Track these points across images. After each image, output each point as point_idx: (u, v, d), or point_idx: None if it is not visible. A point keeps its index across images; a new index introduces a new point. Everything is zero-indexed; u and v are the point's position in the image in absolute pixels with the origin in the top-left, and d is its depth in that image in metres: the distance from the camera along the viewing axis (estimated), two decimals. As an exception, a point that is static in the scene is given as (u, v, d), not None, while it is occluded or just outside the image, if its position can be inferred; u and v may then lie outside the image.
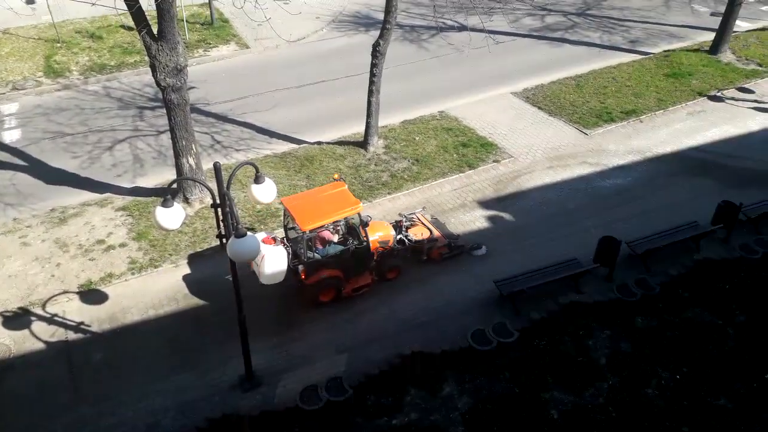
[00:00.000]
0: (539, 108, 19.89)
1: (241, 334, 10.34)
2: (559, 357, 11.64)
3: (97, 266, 13.68)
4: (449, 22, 24.93)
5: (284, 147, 18.05)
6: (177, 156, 15.00)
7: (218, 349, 11.77)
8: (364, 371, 11.28)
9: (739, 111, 19.74)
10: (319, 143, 18.15)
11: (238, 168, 8.87)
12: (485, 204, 15.76)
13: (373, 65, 16.68)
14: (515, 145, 18.10)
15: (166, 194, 8.30)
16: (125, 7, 13.01)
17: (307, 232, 11.85)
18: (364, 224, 12.61)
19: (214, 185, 8.86)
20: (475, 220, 15.20)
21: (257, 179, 8.72)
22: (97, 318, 12.50)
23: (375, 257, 13.00)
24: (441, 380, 11.20)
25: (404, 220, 14.03)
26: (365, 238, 12.63)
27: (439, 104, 20.15)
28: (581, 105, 19.92)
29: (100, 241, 14.35)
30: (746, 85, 21.16)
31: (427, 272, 13.63)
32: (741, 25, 24.49)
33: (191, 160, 15.01)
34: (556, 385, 11.15)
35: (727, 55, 22.93)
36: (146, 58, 15.31)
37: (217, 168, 8.63)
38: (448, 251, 13.93)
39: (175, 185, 15.44)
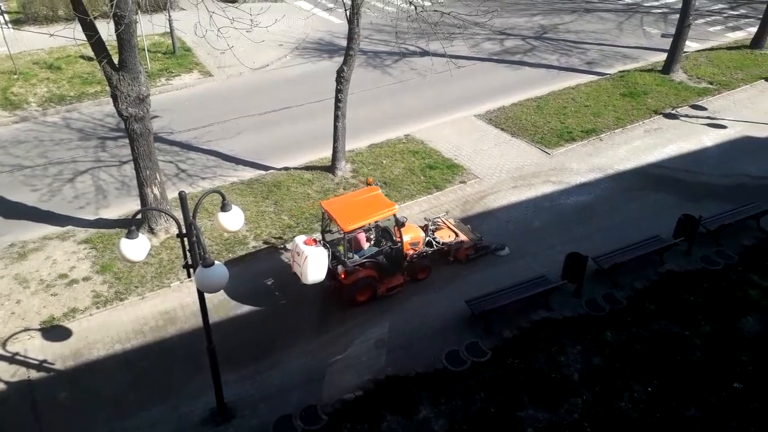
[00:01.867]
0: (502, 129, 20.27)
1: (212, 366, 10.11)
2: (533, 374, 11.70)
3: (60, 301, 13.27)
4: (411, 48, 25.35)
5: (251, 174, 17.94)
6: (141, 186, 14.76)
7: (188, 381, 11.47)
8: (339, 398, 11.12)
9: (694, 127, 20.46)
10: (286, 169, 18.11)
11: (204, 196, 8.78)
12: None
13: (338, 91, 16.80)
14: (480, 166, 18.36)
15: (130, 225, 8.14)
16: (84, 38, 12.87)
17: (348, 233, 12.42)
18: (401, 224, 13.19)
19: (179, 214, 8.73)
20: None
21: (224, 207, 8.62)
22: (60, 355, 12.08)
23: (408, 258, 13.49)
24: (417, 403, 11.11)
25: (430, 223, 14.56)
26: (399, 239, 13.19)
27: (404, 128, 20.36)
28: (542, 125, 20.38)
29: (63, 276, 13.94)
30: (699, 103, 21.97)
31: (403, 295, 13.60)
32: (691, 45, 25.52)
33: (156, 190, 14.78)
34: (531, 403, 11.18)
35: (679, 75, 23.82)
36: (107, 88, 15.11)
37: (182, 197, 8.52)
38: (474, 252, 14.49)
39: (139, 216, 15.16)
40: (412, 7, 15.35)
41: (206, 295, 9.07)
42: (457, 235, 14.46)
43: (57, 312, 12.99)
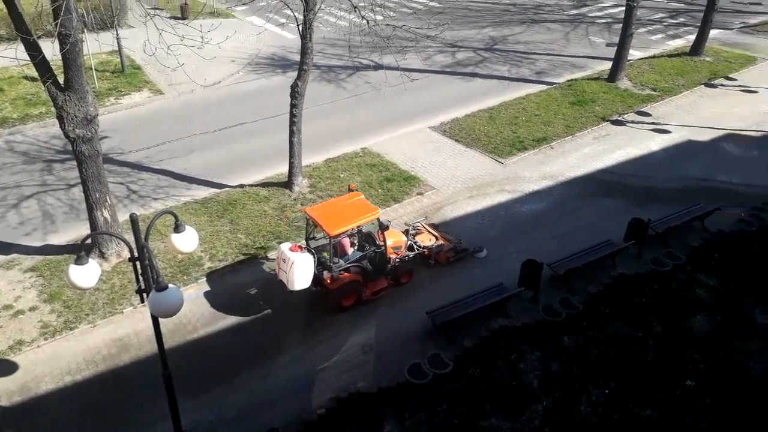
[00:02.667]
0: (456, 140, 20.54)
1: (168, 392, 9.84)
2: (494, 383, 11.80)
3: (5, 334, 12.71)
4: (365, 62, 25.50)
5: (205, 192, 17.66)
6: (90, 209, 14.35)
7: (144, 411, 11.14)
8: (301, 420, 10.97)
9: (640, 133, 21.16)
10: (241, 186, 17.90)
11: (156, 218, 8.57)
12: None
13: (293, 106, 16.74)
14: (436, 177, 18.55)
15: (79, 251, 7.87)
16: (28, 58, 12.49)
17: (333, 237, 12.62)
18: (385, 228, 13.42)
19: (131, 237, 8.51)
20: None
21: (177, 228, 8.44)
22: (6, 390, 11.55)
23: (391, 262, 13.71)
24: (381, 420, 11.05)
25: (410, 228, 14.95)
26: (383, 243, 13.39)
27: (361, 141, 20.42)
28: (495, 135, 20.74)
29: (7, 307, 13.37)
30: (644, 109, 22.75)
31: (361, 310, 13.58)
32: (634, 54, 26.44)
33: (106, 213, 14.39)
34: (493, 412, 11.26)
35: (624, 82, 24.63)
36: (53, 109, 14.68)
37: (133, 219, 8.31)
38: (455, 254, 14.80)
39: (89, 240, 14.71)
40: (365, 21, 15.47)
41: (161, 319, 8.84)
42: (437, 238, 14.84)
43: (1, 345, 12.43)
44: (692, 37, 27.81)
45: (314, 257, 12.78)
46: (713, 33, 27.47)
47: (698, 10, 30.22)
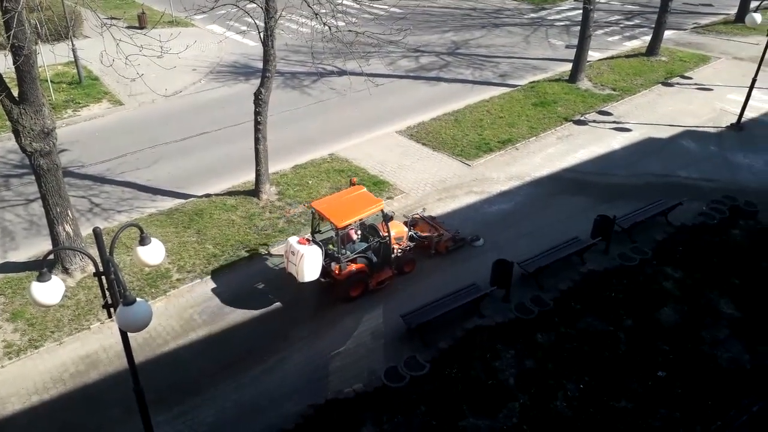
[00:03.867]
0: (423, 144, 20.63)
1: (140, 408, 9.56)
2: (471, 383, 11.84)
3: (-35, 355, 12.24)
4: (329, 68, 25.45)
5: (170, 203, 17.33)
6: (51, 224, 13.92)
7: (116, 428, 10.83)
8: (278, 429, 10.80)
9: (602, 132, 21.60)
10: (207, 196, 17.62)
11: (120, 231, 8.35)
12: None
13: (257, 113, 16.58)
14: (405, 180, 18.58)
15: (41, 267, 7.62)
16: (-21, 71, 12.08)
17: (341, 229, 13.03)
18: (389, 219, 13.85)
19: (95, 252, 8.27)
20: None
21: (142, 240, 8.24)
22: (-32, 414, 11.10)
23: (394, 252, 14.12)
24: (359, 424, 10.97)
25: (410, 220, 15.52)
26: (387, 233, 13.77)
27: (328, 147, 20.34)
28: (461, 138, 20.91)
29: (-33, 327, 12.88)
30: (604, 109, 23.24)
31: (334, 315, 13.49)
32: (593, 55, 27.02)
33: (68, 228, 13.98)
34: (471, 411, 11.29)
35: (584, 83, 25.14)
36: (8, 123, 14.22)
37: (97, 233, 8.07)
38: (453, 244, 15.31)
39: (51, 256, 14.27)
40: (327, 27, 15.43)
41: (130, 334, 8.61)
42: (436, 229, 15.30)
43: (-38, 367, 11.96)
44: (648, 38, 28.55)
45: (322, 249, 13.18)
46: (667, 34, 28.26)
47: (652, 12, 31.07)
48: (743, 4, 31.04)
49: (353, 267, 13.54)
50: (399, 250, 14.35)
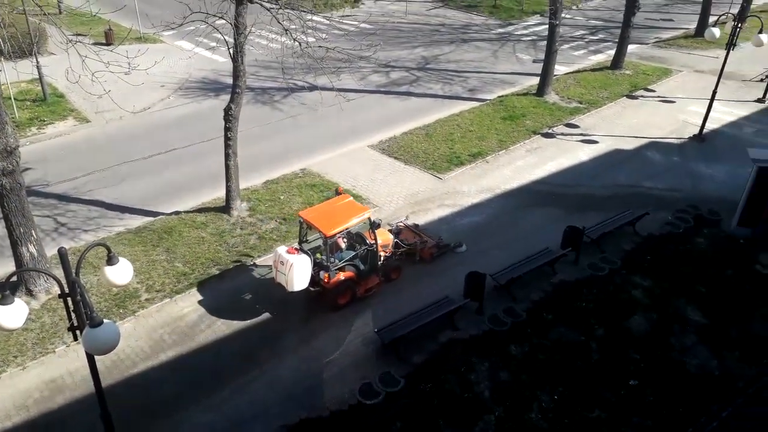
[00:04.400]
0: (395, 158, 20.72)
1: (108, 434, 9.31)
2: (446, 397, 11.81)
3: None
4: (299, 83, 25.45)
5: (139, 221, 17.03)
6: (14, 245, 13.55)
7: (82, 454, 10.50)
8: (251, 449, 10.63)
9: (569, 144, 21.98)
10: (177, 213, 17.37)
11: (87, 250, 8.18)
12: (356, 256, 15.91)
13: (227, 129, 16.46)
14: (378, 194, 18.61)
15: (3, 289, 7.39)
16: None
17: (329, 237, 13.14)
18: (377, 226, 14.26)
19: (60, 273, 8.06)
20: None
21: (110, 260, 8.08)
22: (-75, 445, 10.66)
23: (381, 260, 14.37)
24: (333, 443, 10.85)
25: (394, 227, 15.78)
26: (374, 241, 13.97)
27: (300, 162, 20.27)
28: (432, 152, 21.06)
29: (-76, 354, 12.40)
30: (572, 121, 23.68)
31: (306, 333, 13.36)
32: (560, 69, 27.56)
33: (32, 248, 13.62)
34: (446, 426, 11.25)
35: (551, 96, 25.60)
36: (-32, 141, 13.85)
37: (62, 253, 7.88)
38: (438, 250, 15.56)
39: (14, 278, 13.85)
40: (297, 43, 15.45)
41: (97, 357, 8.39)
42: (420, 236, 15.60)
43: None
44: (612, 52, 29.27)
45: (311, 258, 13.26)
46: (631, 48, 29.02)
47: (616, 27, 31.90)
48: (702, 19, 32.08)
49: (341, 275, 13.66)
50: (385, 258, 14.57)
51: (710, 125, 22.31)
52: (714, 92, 21.65)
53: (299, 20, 15.64)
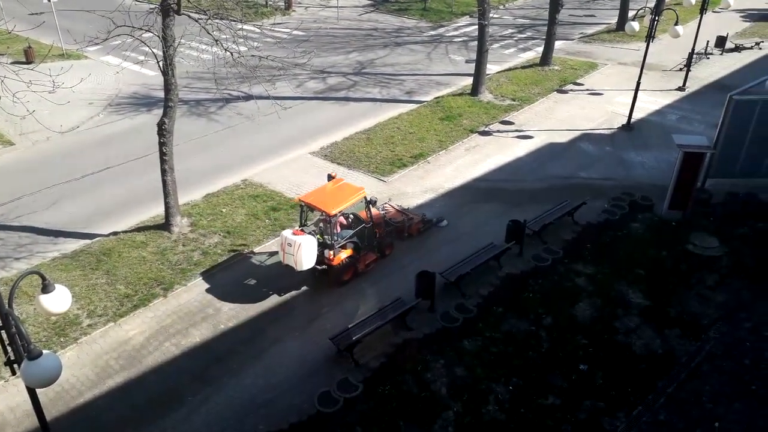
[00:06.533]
0: (338, 164, 20.67)
1: (56, 469, 8.88)
2: (404, 398, 11.86)
3: None
4: (235, 93, 25.02)
5: (74, 245, 16.33)
6: (-62, 279, 12.74)
7: (28, 494, 9.96)
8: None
9: (506, 141, 22.52)
10: (115, 233, 16.75)
11: (19, 280, 7.76)
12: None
13: (162, 144, 16.02)
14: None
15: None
16: None
17: (332, 216, 13.99)
18: (374, 203, 15.24)
19: (-8, 305, 7.62)
20: (306, 279, 15.06)
21: (45, 288, 7.71)
22: None
23: (377, 236, 15.36)
24: (294, 455, 10.70)
25: (380, 208, 16.48)
26: (370, 219, 15.04)
27: (240, 173, 19.93)
28: (375, 155, 21.15)
29: None
30: (507, 118, 24.27)
31: (257, 349, 13.13)
32: (492, 68, 28.19)
33: (-42, 281, 12.84)
34: (406, 427, 11.29)
35: (486, 95, 26.16)
36: None
37: (-7, 284, 7.47)
38: (423, 225, 16.80)
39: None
40: (228, 53, 15.19)
41: (39, 390, 7.99)
42: (405, 215, 16.67)
43: None
44: (540, 49, 30.17)
45: (316, 239, 13.97)
46: (558, 44, 30.01)
47: (542, 25, 32.91)
48: (622, 14, 33.54)
49: (344, 253, 14.51)
50: (379, 235, 15.56)
51: (637, 114, 23.33)
52: (638, 83, 22.64)
53: (229, 30, 15.39)
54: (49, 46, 25.00)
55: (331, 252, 14.26)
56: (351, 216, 15.37)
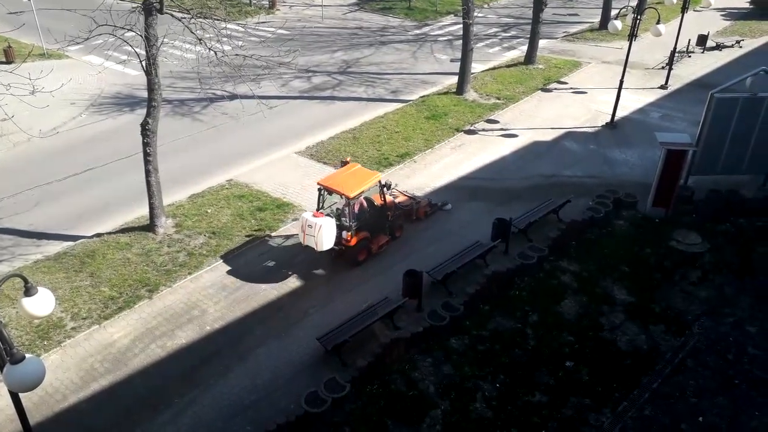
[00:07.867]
0: (324, 163, 20.62)
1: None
2: (393, 397, 11.88)
3: None
4: (219, 92, 24.87)
5: (57, 247, 16.15)
6: None
7: (12, 500, 9.84)
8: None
9: (491, 139, 22.61)
10: (99, 235, 16.59)
11: (1, 283, 7.66)
12: (295, 262, 15.72)
13: (146, 144, 15.88)
14: (309, 200, 18.38)
15: None
16: None
17: (352, 199, 14.52)
18: (389, 187, 16.24)
19: (-27, 309, 7.53)
20: (289, 280, 15.01)
21: (27, 291, 7.63)
22: None
23: (389, 218, 16.00)
24: (282, 456, 10.67)
25: (389, 194, 16.86)
26: (384, 202, 15.76)
27: (225, 173, 19.82)
28: (361, 155, 21.12)
29: None
30: (492, 117, 24.36)
31: (244, 349, 13.07)
32: (476, 67, 28.30)
33: (-62, 285, 12.61)
34: (395, 426, 11.31)
35: (471, 94, 26.24)
36: None
37: (-26, 288, 7.36)
38: (430, 209, 17.53)
39: None
40: (212, 52, 15.08)
41: (22, 394, 7.89)
42: (413, 199, 17.47)
43: None
44: (525, 48, 30.33)
45: (334, 220, 14.55)
46: (542, 43, 30.18)
47: (526, 23, 33.07)
48: (605, 13, 33.79)
49: (360, 234, 15.07)
50: (390, 218, 16.14)
51: (620, 113, 23.53)
52: (621, 81, 22.84)
53: (213, 29, 15.27)
54: (29, 45, 24.72)
55: (349, 233, 14.82)
56: (365, 199, 15.71)
